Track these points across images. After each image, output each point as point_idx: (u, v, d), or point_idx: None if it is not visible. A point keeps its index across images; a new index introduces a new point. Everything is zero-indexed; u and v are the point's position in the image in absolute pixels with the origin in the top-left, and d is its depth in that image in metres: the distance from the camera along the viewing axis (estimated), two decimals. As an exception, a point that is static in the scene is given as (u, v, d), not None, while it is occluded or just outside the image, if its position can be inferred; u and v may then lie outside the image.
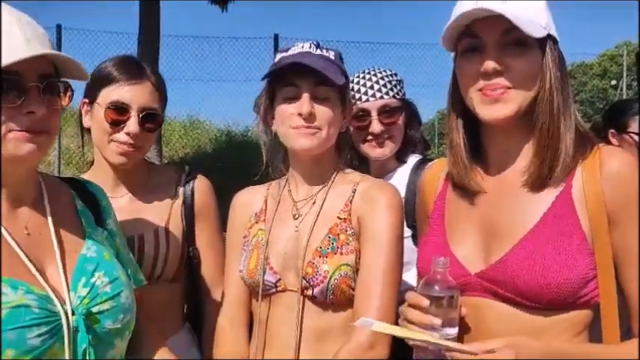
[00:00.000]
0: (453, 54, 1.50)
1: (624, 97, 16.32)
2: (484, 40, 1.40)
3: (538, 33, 1.37)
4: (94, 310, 1.34)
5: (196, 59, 12.53)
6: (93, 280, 1.37)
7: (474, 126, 1.51)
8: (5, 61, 1.21)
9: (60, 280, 1.33)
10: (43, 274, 1.32)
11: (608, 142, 2.97)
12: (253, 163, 1.87)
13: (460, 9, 1.41)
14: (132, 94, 1.87)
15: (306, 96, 1.67)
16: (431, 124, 23.12)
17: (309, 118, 1.66)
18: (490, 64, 1.37)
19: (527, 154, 1.45)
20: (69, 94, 1.37)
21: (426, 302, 1.33)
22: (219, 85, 13.37)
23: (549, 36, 1.41)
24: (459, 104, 1.50)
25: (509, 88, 1.39)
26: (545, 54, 1.41)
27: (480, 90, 1.41)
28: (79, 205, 1.52)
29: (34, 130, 1.28)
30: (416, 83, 12.53)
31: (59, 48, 9.67)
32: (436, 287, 1.33)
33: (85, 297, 1.34)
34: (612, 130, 3.10)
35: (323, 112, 1.68)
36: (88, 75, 1.43)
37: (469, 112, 1.47)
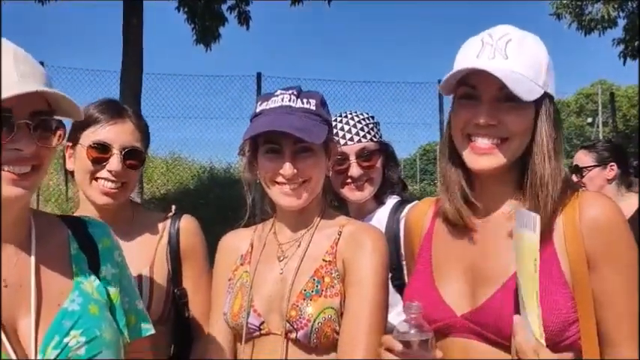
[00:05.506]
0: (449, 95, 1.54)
1: (600, 134, 16.66)
2: (480, 91, 1.44)
3: (530, 95, 1.39)
4: None
5: (180, 97, 12.56)
6: (67, 340, 1.24)
7: (466, 167, 1.53)
8: None
9: (30, 341, 1.22)
10: (14, 332, 1.22)
11: None
12: (236, 199, 1.87)
13: (461, 63, 1.45)
14: (113, 132, 1.89)
15: (287, 155, 1.66)
16: (412, 160, 23.31)
17: (292, 177, 1.66)
18: (483, 119, 1.42)
19: (514, 199, 1.49)
20: (59, 132, 1.29)
21: (399, 346, 1.36)
22: (202, 122, 13.35)
23: (546, 94, 1.44)
24: (454, 145, 1.52)
25: (500, 141, 1.43)
26: (539, 112, 1.44)
27: (470, 140, 1.45)
28: (73, 249, 1.39)
29: (21, 169, 1.22)
30: (393, 121, 12.69)
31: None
32: (411, 332, 1.37)
33: None
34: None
35: (306, 166, 1.68)
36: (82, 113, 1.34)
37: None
